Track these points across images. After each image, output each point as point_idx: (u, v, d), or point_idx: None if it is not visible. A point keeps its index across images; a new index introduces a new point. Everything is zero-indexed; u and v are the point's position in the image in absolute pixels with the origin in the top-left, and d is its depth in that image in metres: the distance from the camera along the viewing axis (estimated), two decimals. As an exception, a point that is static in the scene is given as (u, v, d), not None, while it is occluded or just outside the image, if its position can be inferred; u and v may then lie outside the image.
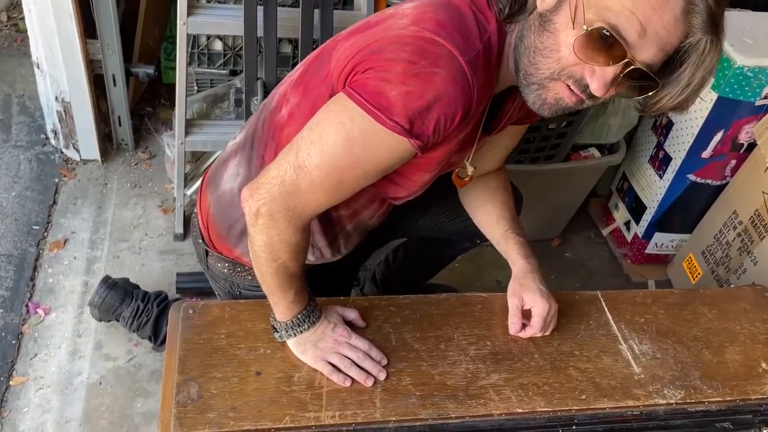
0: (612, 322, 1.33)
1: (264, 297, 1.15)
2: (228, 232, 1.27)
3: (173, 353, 1.13)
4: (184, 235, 2.16)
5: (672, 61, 0.90)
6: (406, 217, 1.48)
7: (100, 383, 1.76)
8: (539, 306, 1.23)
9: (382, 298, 1.30)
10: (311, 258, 1.31)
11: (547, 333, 1.26)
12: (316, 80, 1.06)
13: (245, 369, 1.12)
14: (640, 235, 2.28)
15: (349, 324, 1.21)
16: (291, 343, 1.15)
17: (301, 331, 1.13)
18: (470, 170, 1.23)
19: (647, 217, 2.23)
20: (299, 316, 1.13)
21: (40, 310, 1.89)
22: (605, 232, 2.47)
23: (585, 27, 0.87)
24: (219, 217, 1.28)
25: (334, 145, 0.95)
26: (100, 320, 1.83)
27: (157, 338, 1.77)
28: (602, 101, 0.97)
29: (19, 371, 1.76)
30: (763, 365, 1.30)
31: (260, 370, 1.13)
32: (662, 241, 2.28)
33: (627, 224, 2.35)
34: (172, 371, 1.11)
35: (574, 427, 1.16)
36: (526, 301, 1.25)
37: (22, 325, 1.86)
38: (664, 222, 2.21)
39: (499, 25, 0.99)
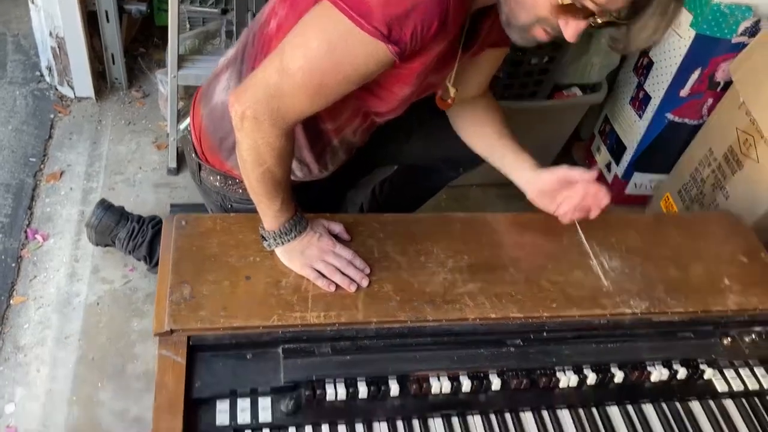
0: (584, 241, 1.39)
1: (255, 211, 1.20)
2: (220, 144, 1.32)
3: (167, 258, 1.18)
4: (178, 170, 2.21)
5: None
6: (390, 141, 1.53)
7: (98, 304, 1.82)
8: (580, 173, 1.32)
9: (366, 216, 1.36)
10: (299, 174, 1.36)
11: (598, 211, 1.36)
12: (302, -8, 1.10)
13: (236, 274, 1.18)
14: (620, 176, 2.34)
15: (335, 237, 1.26)
16: (279, 251, 1.20)
17: (288, 240, 1.19)
18: (452, 92, 1.28)
19: (627, 158, 2.28)
20: (286, 225, 1.18)
21: (38, 236, 1.95)
22: (588, 174, 2.52)
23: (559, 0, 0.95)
24: (211, 129, 1.33)
25: (317, 48, 1.01)
26: (97, 244, 1.89)
27: (152, 259, 1.82)
28: None
29: (19, 291, 1.82)
30: (726, 281, 1.36)
31: (250, 275, 1.18)
32: (641, 182, 2.34)
33: (608, 166, 2.41)
34: (166, 274, 1.16)
35: (544, 333, 1.22)
36: (562, 174, 1.33)
37: (22, 249, 1.92)
38: (643, 162, 2.27)
39: None
